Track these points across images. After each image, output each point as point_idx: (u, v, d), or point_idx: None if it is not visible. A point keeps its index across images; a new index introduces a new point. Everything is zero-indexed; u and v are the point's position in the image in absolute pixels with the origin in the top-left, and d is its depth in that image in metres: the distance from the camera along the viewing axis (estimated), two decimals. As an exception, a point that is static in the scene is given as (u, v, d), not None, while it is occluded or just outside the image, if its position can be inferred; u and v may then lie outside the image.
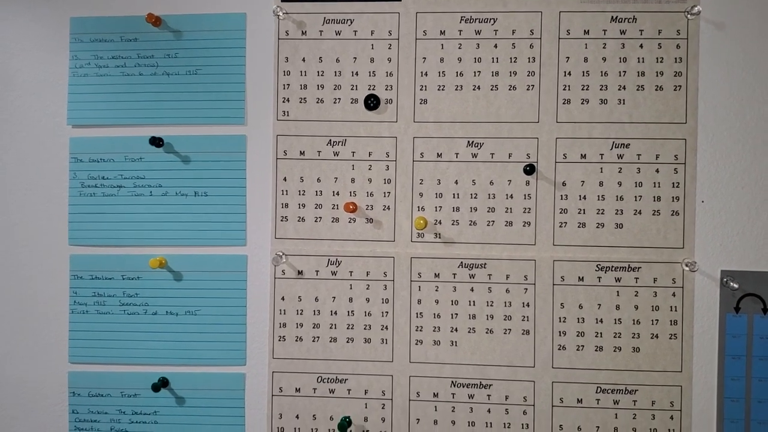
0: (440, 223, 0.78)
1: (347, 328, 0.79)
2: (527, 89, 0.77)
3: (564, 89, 0.76)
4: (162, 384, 0.79)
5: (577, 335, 0.76)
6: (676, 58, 0.75)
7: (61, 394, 0.81)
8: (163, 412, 0.80)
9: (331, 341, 0.79)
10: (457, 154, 0.77)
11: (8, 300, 0.82)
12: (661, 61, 0.75)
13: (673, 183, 0.75)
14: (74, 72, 0.81)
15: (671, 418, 0.75)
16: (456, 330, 0.77)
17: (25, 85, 0.82)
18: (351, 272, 0.79)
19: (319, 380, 0.79)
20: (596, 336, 0.76)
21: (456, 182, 0.77)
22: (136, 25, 0.80)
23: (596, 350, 0.76)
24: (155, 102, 0.80)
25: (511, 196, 0.77)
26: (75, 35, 0.81)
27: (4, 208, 0.82)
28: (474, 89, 0.77)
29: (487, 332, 0.77)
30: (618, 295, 0.76)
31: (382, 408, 0.78)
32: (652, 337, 0.76)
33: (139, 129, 0.80)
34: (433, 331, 0.78)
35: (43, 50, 0.81)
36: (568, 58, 0.76)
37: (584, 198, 0.76)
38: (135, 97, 0.80)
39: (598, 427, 0.76)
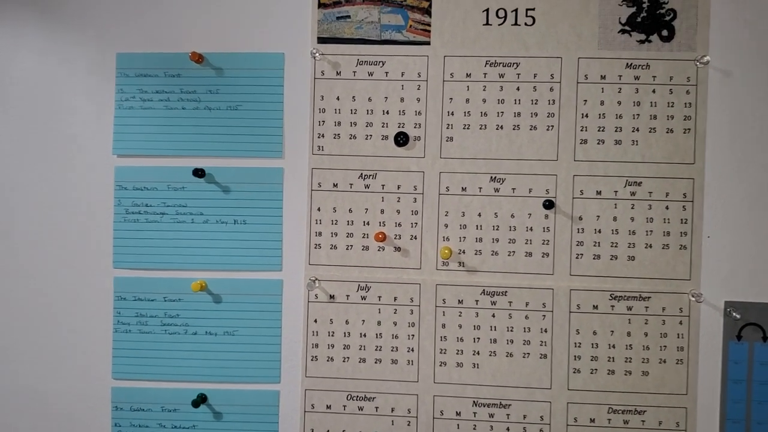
0: (464, 252, 0.83)
1: (375, 350, 0.84)
2: (547, 129, 0.82)
3: (581, 130, 0.82)
4: (201, 400, 0.84)
5: (591, 359, 0.82)
6: (686, 103, 0.81)
7: (105, 409, 0.86)
8: (201, 426, 0.85)
9: (360, 362, 0.84)
10: (480, 188, 0.83)
11: (56, 319, 0.87)
12: (672, 106, 0.81)
13: (682, 219, 0.81)
14: (120, 105, 0.86)
15: (677, 437, 0.81)
16: (478, 353, 0.83)
17: (74, 117, 0.86)
18: (379, 297, 0.84)
19: (349, 398, 0.84)
20: (609, 360, 0.82)
21: (479, 215, 0.83)
22: (179, 61, 0.85)
23: (608, 373, 0.82)
24: (197, 135, 0.85)
25: (531, 229, 0.82)
26: (121, 70, 0.86)
27: (53, 232, 0.87)
28: (497, 128, 0.83)
29: (507, 356, 0.83)
30: (629, 322, 0.81)
31: (408, 425, 0.84)
32: (660, 362, 0.81)
33: (181, 160, 0.85)
34: (457, 353, 0.83)
35: (91, 84, 0.86)
36: (586, 101, 0.82)
37: (599, 232, 0.82)
38: (178, 130, 0.85)
39: (609, 445, 0.82)
